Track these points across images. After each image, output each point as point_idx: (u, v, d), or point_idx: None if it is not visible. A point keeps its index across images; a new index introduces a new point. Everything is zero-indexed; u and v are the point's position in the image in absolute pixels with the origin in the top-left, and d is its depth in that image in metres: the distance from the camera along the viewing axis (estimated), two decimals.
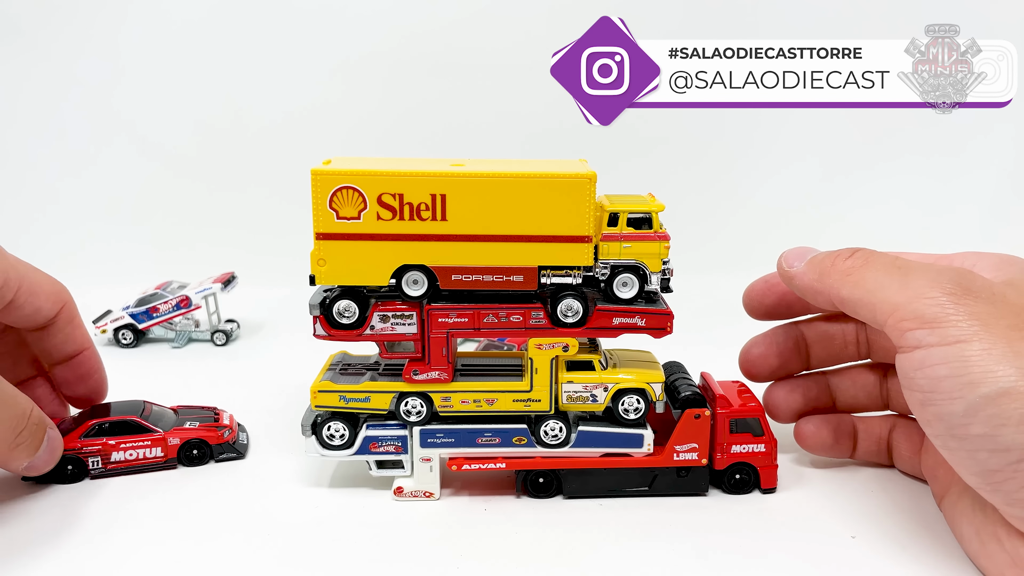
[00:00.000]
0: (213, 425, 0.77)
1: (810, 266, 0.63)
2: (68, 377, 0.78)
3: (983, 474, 0.53)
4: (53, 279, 0.75)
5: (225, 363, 1.07)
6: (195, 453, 0.75)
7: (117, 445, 0.73)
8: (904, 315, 0.55)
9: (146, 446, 0.74)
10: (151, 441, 0.75)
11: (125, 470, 0.74)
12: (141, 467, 0.74)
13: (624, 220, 0.67)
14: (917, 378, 0.54)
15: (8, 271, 0.69)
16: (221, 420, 0.79)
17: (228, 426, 0.78)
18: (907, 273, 0.57)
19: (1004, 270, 0.60)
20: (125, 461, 0.74)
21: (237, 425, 0.81)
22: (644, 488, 0.70)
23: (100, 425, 0.74)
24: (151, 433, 0.75)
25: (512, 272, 0.66)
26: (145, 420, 0.76)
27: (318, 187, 0.64)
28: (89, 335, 0.79)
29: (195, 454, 0.75)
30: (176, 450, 0.75)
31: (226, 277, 1.17)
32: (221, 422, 0.78)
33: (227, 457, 0.77)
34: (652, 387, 0.69)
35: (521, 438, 0.69)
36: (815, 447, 0.73)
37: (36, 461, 0.67)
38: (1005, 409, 0.50)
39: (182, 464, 0.76)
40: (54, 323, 0.74)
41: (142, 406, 0.78)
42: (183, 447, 0.75)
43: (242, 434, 0.80)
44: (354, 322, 0.67)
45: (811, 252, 0.65)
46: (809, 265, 0.64)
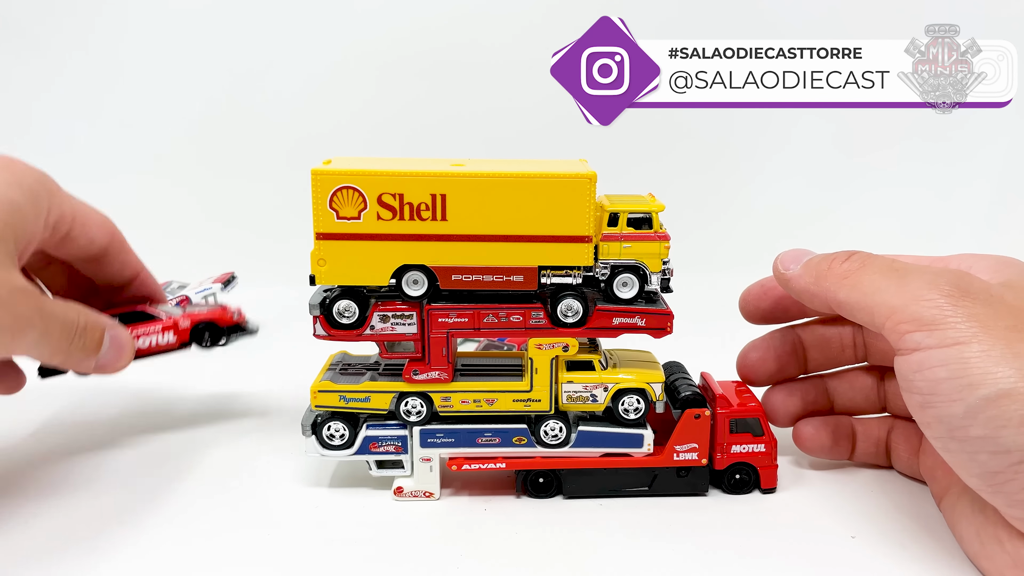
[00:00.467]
0: (221, 310, 0.80)
1: (806, 269, 0.63)
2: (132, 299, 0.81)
3: (984, 476, 0.52)
4: (100, 212, 0.77)
5: (226, 363, 1.07)
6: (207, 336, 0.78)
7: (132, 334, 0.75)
8: (902, 318, 0.54)
9: (157, 332, 0.77)
10: (163, 327, 0.77)
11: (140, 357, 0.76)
12: (156, 352, 0.77)
13: (624, 220, 0.67)
14: (916, 380, 0.54)
15: (63, 206, 0.71)
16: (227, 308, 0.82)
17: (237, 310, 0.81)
18: (904, 276, 0.57)
19: (1002, 272, 0.60)
20: (140, 349, 0.76)
21: None
22: (644, 488, 0.70)
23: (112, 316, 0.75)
24: (162, 320, 0.77)
25: (512, 272, 0.66)
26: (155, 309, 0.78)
27: (318, 187, 0.64)
28: (141, 260, 0.81)
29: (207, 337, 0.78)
30: (188, 333, 0.78)
31: (226, 277, 1.17)
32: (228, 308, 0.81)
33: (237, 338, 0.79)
34: (652, 387, 0.69)
35: (521, 438, 0.69)
36: (814, 449, 0.73)
37: (103, 359, 0.69)
38: (1005, 410, 0.50)
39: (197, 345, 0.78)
40: (107, 253, 0.77)
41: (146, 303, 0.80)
42: (195, 330, 0.77)
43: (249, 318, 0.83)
44: (354, 322, 0.67)
45: (807, 254, 0.65)
46: (805, 268, 0.63)
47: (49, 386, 0.82)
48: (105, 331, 0.70)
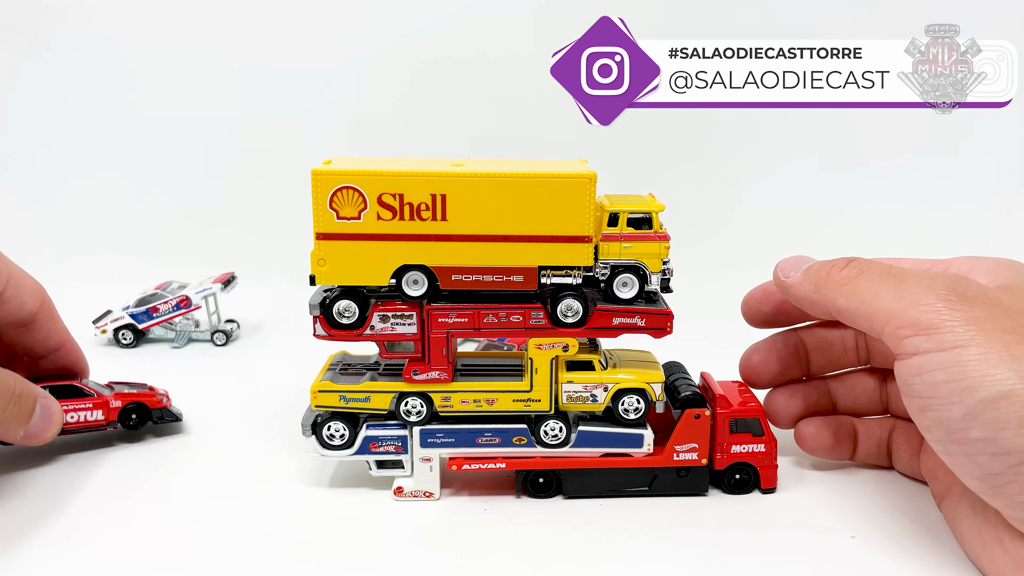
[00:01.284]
0: (150, 392, 0.80)
1: (806, 276, 0.64)
2: (53, 369, 0.80)
3: (984, 478, 0.53)
4: (32, 277, 0.76)
5: (225, 363, 1.07)
6: (134, 418, 0.78)
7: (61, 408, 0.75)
8: (901, 323, 0.55)
9: (87, 409, 0.77)
10: (92, 404, 0.77)
11: (66, 431, 0.76)
12: (82, 430, 0.77)
13: (624, 220, 0.67)
14: (915, 384, 0.54)
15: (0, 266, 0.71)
16: (155, 391, 0.82)
17: (164, 394, 0.82)
18: (902, 281, 0.57)
19: (1001, 274, 0.61)
20: (67, 424, 0.76)
21: None
22: (644, 488, 0.70)
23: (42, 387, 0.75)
24: (92, 397, 0.77)
25: (512, 272, 0.66)
26: (86, 386, 0.78)
27: (318, 187, 0.64)
28: (67, 329, 0.80)
29: (134, 419, 0.78)
30: (117, 413, 0.78)
31: (226, 277, 1.17)
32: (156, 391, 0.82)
33: (165, 422, 0.80)
34: (652, 387, 0.69)
35: (521, 438, 0.69)
36: (816, 449, 0.73)
37: (32, 429, 0.69)
38: (1004, 412, 0.50)
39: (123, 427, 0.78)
40: (36, 319, 0.76)
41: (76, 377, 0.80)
42: (123, 411, 0.77)
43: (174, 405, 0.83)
44: (354, 322, 0.67)
45: (807, 261, 0.66)
46: (805, 276, 0.64)
47: None
48: (37, 400, 0.70)
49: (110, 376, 0.85)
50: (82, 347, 0.82)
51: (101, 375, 0.84)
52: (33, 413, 0.69)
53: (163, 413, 0.80)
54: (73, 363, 0.81)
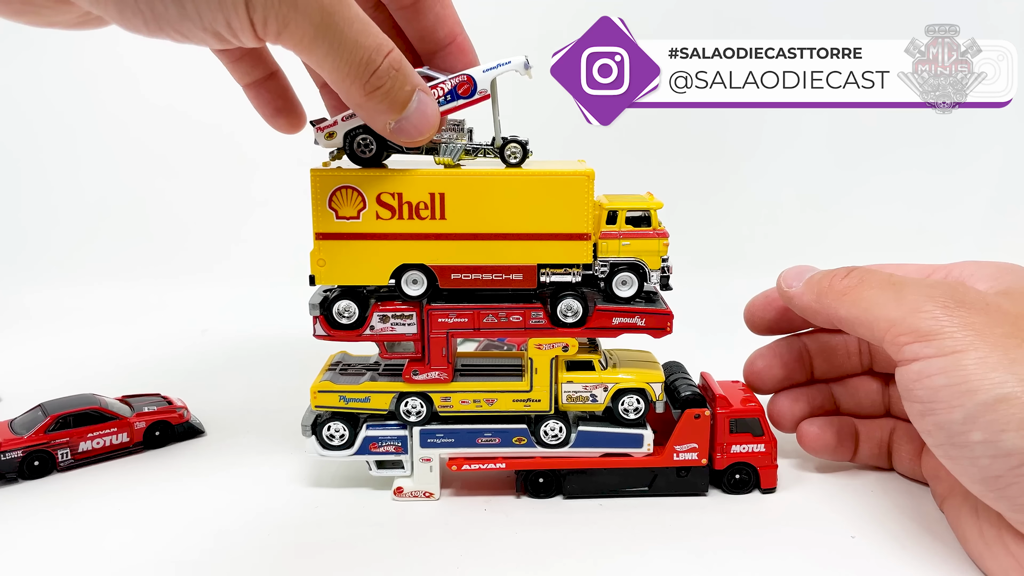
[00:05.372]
0: (170, 408, 0.80)
1: (808, 287, 0.65)
2: (445, 70, 0.69)
3: (986, 481, 0.53)
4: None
5: (225, 363, 1.07)
6: (157, 435, 0.78)
7: (84, 434, 0.75)
8: (901, 330, 0.56)
9: (112, 432, 0.76)
10: (116, 427, 0.76)
11: (95, 458, 0.75)
12: (109, 454, 0.76)
13: (623, 218, 0.67)
14: (916, 389, 0.55)
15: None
16: (174, 404, 0.81)
17: (183, 407, 0.81)
18: (901, 289, 0.58)
19: (1001, 279, 0.61)
20: (93, 450, 0.75)
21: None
22: (644, 488, 0.70)
23: (64, 418, 0.75)
24: (115, 420, 0.77)
25: (511, 270, 0.66)
26: (106, 408, 0.77)
27: (318, 187, 0.64)
28: (461, 23, 0.71)
29: (157, 435, 0.78)
30: (142, 433, 0.77)
31: None
32: (175, 404, 0.81)
33: (188, 436, 0.80)
34: (652, 387, 0.69)
35: (521, 438, 0.69)
36: (818, 449, 0.73)
37: (405, 123, 0.59)
38: (1004, 415, 0.51)
39: (148, 447, 0.78)
40: (423, 1, 0.67)
41: (93, 398, 0.79)
42: (148, 429, 0.77)
43: (193, 415, 0.83)
44: (354, 322, 0.67)
45: (809, 271, 0.66)
46: (807, 285, 0.65)
47: (49, 386, 0.83)
48: (416, 89, 0.59)
49: (111, 385, 0.85)
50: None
51: (109, 387, 0.84)
52: (409, 102, 0.59)
53: (185, 428, 0.80)
54: (466, 65, 0.70)
